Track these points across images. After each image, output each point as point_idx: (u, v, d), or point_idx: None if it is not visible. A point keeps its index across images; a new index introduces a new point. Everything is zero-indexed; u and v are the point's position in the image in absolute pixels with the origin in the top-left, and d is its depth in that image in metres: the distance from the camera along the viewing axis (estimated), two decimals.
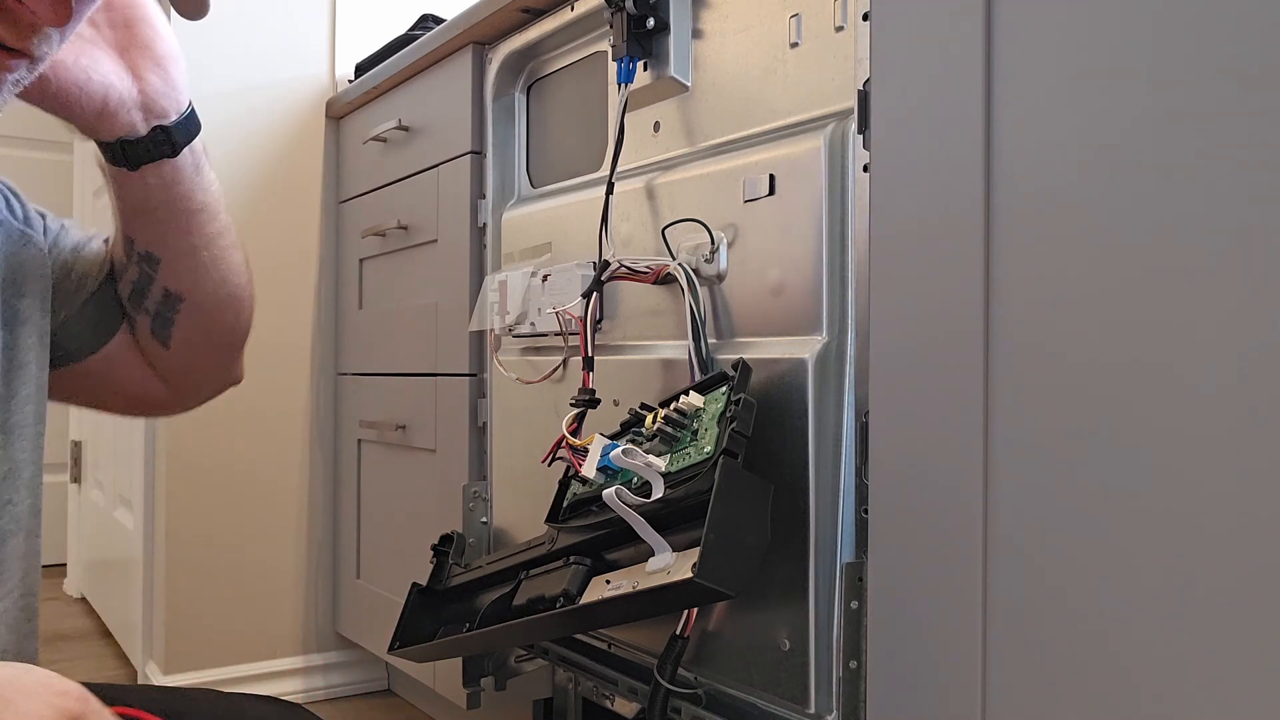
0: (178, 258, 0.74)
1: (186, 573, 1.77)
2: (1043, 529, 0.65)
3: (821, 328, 0.82)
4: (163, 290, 0.75)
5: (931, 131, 0.72)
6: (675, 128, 1.04)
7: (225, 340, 0.80)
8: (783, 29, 0.91)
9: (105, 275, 0.77)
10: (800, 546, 0.81)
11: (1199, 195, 0.58)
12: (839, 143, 0.82)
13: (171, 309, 0.76)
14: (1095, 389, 0.62)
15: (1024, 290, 0.67)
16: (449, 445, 1.45)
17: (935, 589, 0.72)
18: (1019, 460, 0.67)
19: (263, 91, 1.83)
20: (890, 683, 0.75)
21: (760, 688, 0.86)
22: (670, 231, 0.97)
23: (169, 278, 0.75)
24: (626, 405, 0.96)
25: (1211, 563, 0.57)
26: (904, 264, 0.74)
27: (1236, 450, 0.56)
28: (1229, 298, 0.57)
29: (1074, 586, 0.64)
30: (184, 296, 0.76)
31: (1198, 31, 0.58)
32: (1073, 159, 0.64)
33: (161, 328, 0.77)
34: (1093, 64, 0.63)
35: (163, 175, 0.71)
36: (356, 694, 1.89)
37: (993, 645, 0.68)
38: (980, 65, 0.69)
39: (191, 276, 0.75)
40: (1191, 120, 0.58)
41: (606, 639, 1.08)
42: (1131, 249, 0.61)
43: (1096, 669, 0.63)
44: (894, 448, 0.75)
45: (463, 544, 1.25)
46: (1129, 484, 0.61)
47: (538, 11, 1.26)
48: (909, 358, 0.74)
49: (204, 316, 0.77)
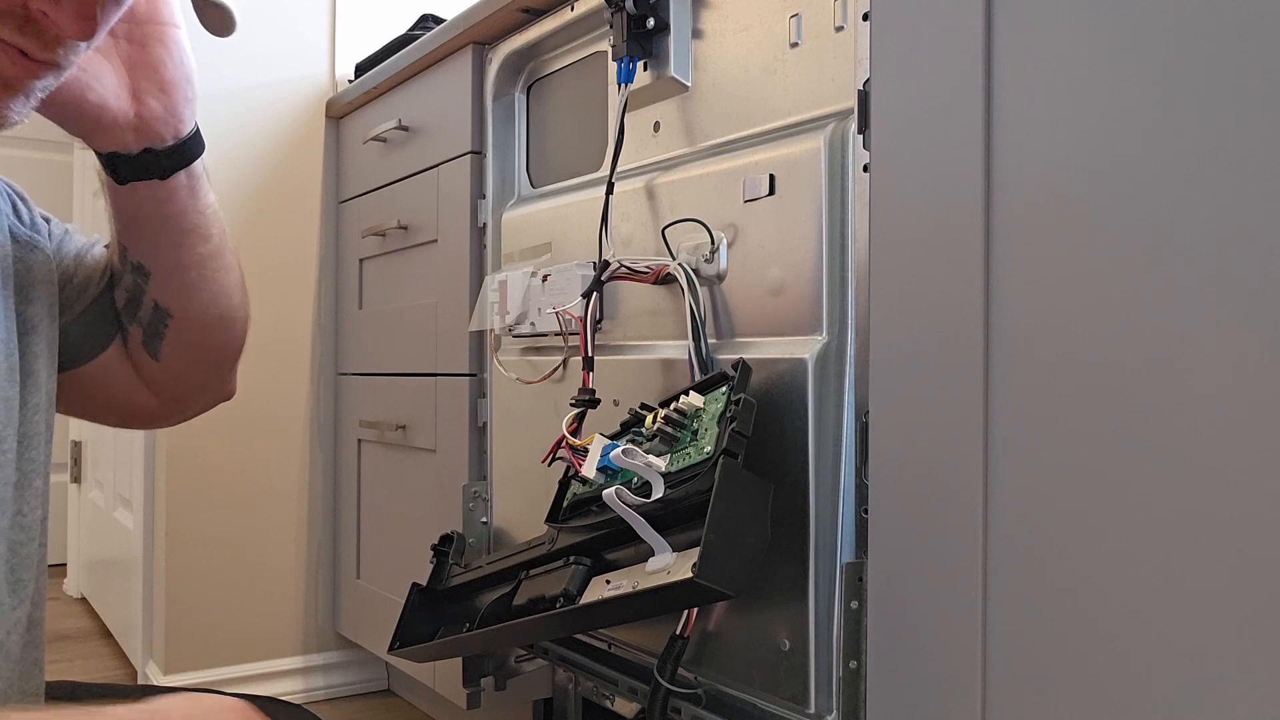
0: (167, 273, 0.73)
1: (186, 573, 1.77)
2: (1042, 529, 0.65)
3: (821, 327, 0.82)
4: (153, 303, 0.75)
5: (931, 131, 0.72)
6: (675, 128, 1.04)
7: (215, 358, 0.79)
8: (783, 29, 0.91)
9: (105, 283, 0.76)
10: (800, 546, 0.81)
11: (1196, 190, 0.58)
12: (839, 143, 0.82)
13: (161, 322, 0.75)
14: (1095, 389, 0.62)
15: (1024, 290, 0.67)
16: (449, 445, 1.45)
17: (935, 589, 0.72)
18: (1019, 460, 0.67)
19: (263, 91, 1.83)
20: (890, 683, 0.75)
21: (760, 688, 0.86)
22: (670, 231, 0.97)
23: (158, 291, 0.74)
24: (626, 405, 0.96)
25: (1212, 563, 0.57)
26: (904, 264, 0.74)
27: (1237, 450, 0.56)
28: (1230, 294, 0.57)
29: (1074, 586, 0.64)
30: (173, 313, 0.75)
31: (1199, 30, 0.58)
32: (1072, 158, 0.64)
33: (152, 340, 0.76)
34: (1092, 63, 0.63)
35: (153, 193, 0.70)
36: (356, 694, 1.89)
37: (993, 645, 0.68)
38: (980, 65, 0.69)
39: (180, 293, 0.74)
40: (1188, 114, 0.58)
41: (606, 639, 1.08)
42: (1131, 249, 0.61)
43: (1096, 669, 0.63)
44: (894, 448, 0.75)
45: (463, 544, 1.25)
46: (1129, 483, 0.61)
47: (538, 11, 1.26)
48: (909, 357, 0.74)
49: (193, 334, 0.76)
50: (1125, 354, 0.61)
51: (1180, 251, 0.59)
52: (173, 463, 1.76)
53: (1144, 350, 0.60)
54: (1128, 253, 0.61)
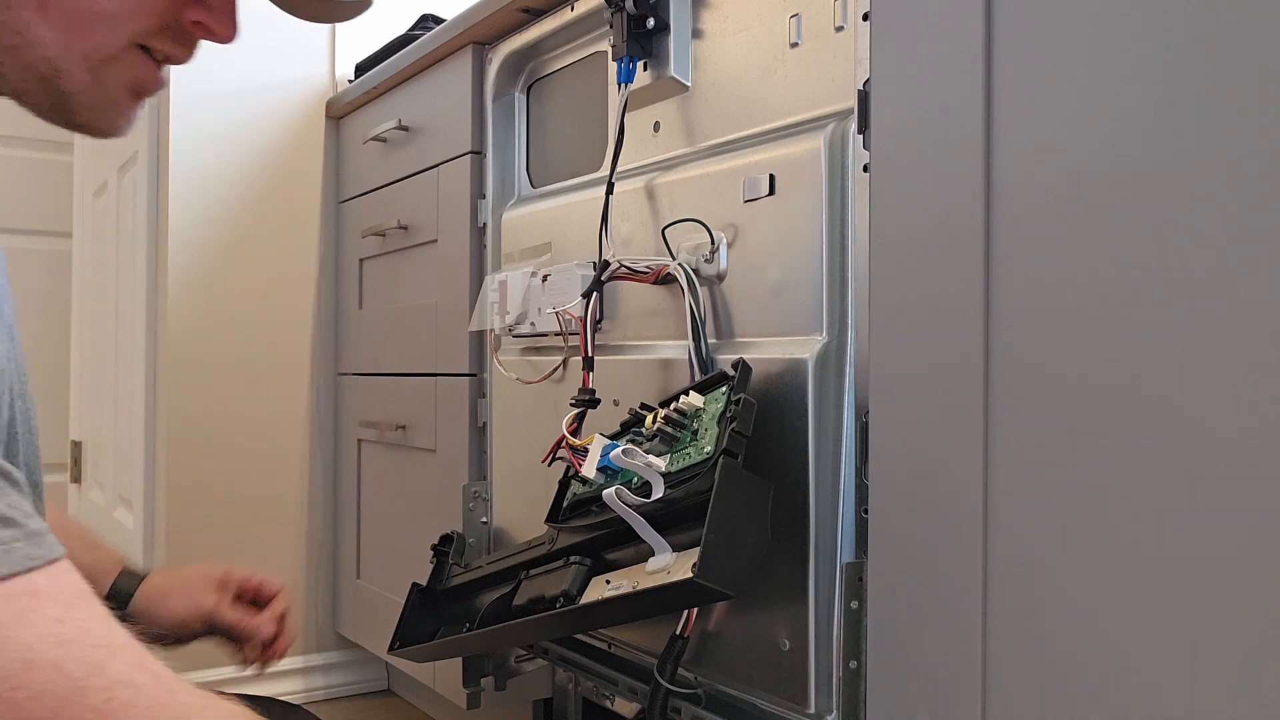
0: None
1: None
2: (1042, 529, 0.65)
3: (822, 327, 0.82)
4: None
5: (931, 131, 0.72)
6: (675, 128, 1.04)
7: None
8: (783, 29, 0.91)
9: None
10: (800, 546, 0.81)
11: (1195, 188, 0.58)
12: (839, 143, 0.82)
13: None
14: (1095, 389, 0.62)
15: (1024, 290, 0.67)
16: (449, 445, 1.45)
17: (935, 589, 0.72)
18: (1019, 460, 0.67)
19: (263, 91, 1.82)
20: (890, 683, 0.75)
21: (760, 688, 0.86)
22: (670, 231, 0.97)
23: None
24: (626, 405, 0.96)
25: (1213, 564, 0.57)
26: (904, 264, 0.74)
27: (1237, 450, 0.56)
28: (1230, 293, 0.57)
29: (1074, 586, 0.64)
30: None
31: (1199, 30, 0.58)
32: (1072, 158, 0.64)
33: None
34: (1092, 63, 0.63)
35: None
36: (356, 694, 1.89)
37: (992, 645, 0.68)
38: (980, 65, 0.69)
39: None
40: (1187, 113, 0.58)
41: (607, 639, 1.08)
42: (1131, 248, 0.61)
43: (1096, 669, 0.63)
44: (894, 448, 0.75)
45: (463, 544, 1.25)
46: (1129, 484, 0.61)
47: (538, 11, 1.26)
48: (909, 358, 0.74)
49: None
50: (1125, 354, 0.61)
51: (1180, 251, 0.59)
52: (173, 463, 1.76)
53: (1144, 350, 0.60)
54: (1128, 252, 0.61)
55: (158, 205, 1.81)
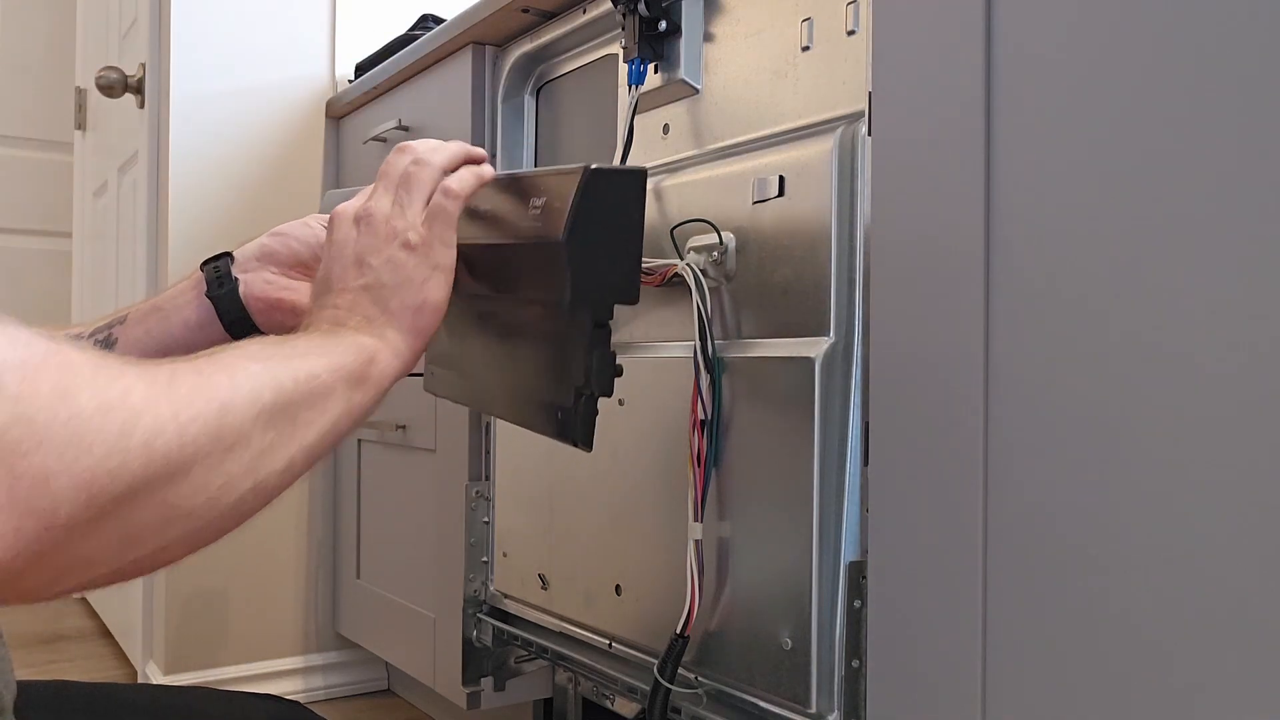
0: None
1: (186, 573, 1.77)
2: (1043, 529, 0.66)
3: (829, 329, 0.83)
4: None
5: (931, 133, 0.73)
6: (685, 130, 1.04)
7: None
8: (794, 33, 0.92)
9: None
10: (803, 546, 0.82)
11: (1196, 192, 0.58)
12: (849, 145, 0.83)
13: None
14: (1096, 389, 0.63)
15: (1024, 291, 0.67)
16: (449, 445, 1.45)
17: (935, 589, 0.72)
18: (1020, 460, 0.67)
19: (263, 91, 1.83)
20: (891, 682, 0.76)
21: (761, 687, 0.86)
22: (678, 232, 0.97)
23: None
24: (632, 407, 0.96)
25: (1215, 565, 0.58)
26: (904, 265, 0.75)
27: (1237, 450, 0.57)
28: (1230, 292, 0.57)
29: (1074, 586, 0.64)
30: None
31: (1201, 42, 0.59)
32: (1072, 161, 0.65)
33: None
34: (1092, 65, 0.64)
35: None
36: (356, 694, 1.89)
37: (993, 645, 0.69)
38: (980, 66, 0.69)
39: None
40: (1188, 121, 0.59)
41: (607, 638, 1.08)
42: (1132, 251, 0.61)
43: (1097, 669, 0.63)
44: (895, 447, 0.76)
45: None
46: (1131, 484, 0.61)
47: (539, 11, 1.26)
48: (909, 358, 0.74)
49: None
50: (1125, 355, 0.61)
51: (1180, 252, 0.59)
52: None
53: (1144, 351, 0.61)
54: (1128, 255, 0.62)
55: (158, 205, 1.81)
